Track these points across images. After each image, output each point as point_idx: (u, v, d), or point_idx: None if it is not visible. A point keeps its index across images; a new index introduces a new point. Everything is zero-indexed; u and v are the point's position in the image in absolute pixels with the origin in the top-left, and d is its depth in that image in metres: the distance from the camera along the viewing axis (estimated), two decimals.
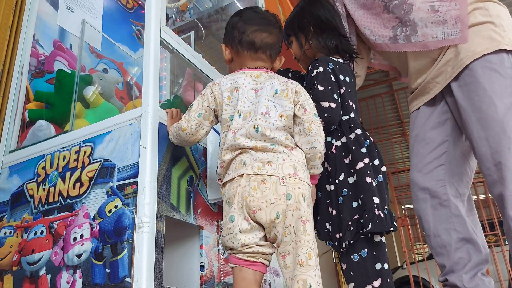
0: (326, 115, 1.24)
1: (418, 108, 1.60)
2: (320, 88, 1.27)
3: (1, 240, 1.39)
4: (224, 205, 1.09)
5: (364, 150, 1.25)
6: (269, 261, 1.07)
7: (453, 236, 1.46)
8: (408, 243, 5.22)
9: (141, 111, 1.22)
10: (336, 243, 1.20)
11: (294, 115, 1.13)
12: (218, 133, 1.41)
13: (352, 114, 1.31)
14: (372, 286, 1.16)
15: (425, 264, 4.29)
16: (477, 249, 1.46)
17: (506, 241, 3.96)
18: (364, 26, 1.63)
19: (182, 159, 1.29)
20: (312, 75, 1.31)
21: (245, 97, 1.14)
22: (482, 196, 5.03)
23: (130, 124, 1.23)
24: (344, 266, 1.22)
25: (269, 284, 1.49)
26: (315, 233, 1.23)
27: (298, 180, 1.06)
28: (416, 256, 5.52)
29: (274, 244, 1.07)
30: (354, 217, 1.19)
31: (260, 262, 1.04)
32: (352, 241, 1.19)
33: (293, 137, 1.14)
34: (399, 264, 6.11)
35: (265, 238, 1.06)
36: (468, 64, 1.39)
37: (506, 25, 1.43)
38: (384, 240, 1.22)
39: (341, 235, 1.19)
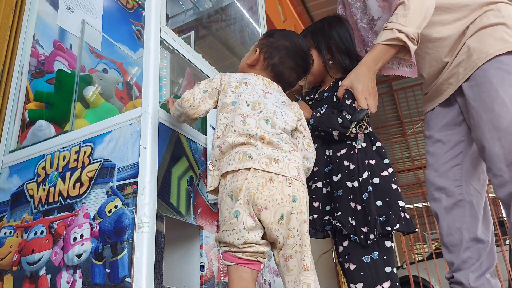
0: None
1: (433, 109, 1.61)
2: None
3: (1, 240, 1.39)
4: (225, 197, 1.04)
5: (386, 161, 1.36)
6: (265, 259, 1.06)
7: (465, 235, 1.48)
8: (408, 243, 5.23)
9: (141, 111, 1.22)
10: (362, 236, 1.24)
11: (295, 129, 1.21)
12: None
13: (370, 128, 1.41)
14: (382, 287, 1.20)
15: (425, 264, 4.29)
16: (487, 249, 1.48)
17: (507, 241, 3.97)
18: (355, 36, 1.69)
19: (182, 159, 1.29)
20: (343, 94, 1.40)
21: (255, 91, 1.16)
22: None
23: (130, 124, 1.23)
24: (353, 267, 1.25)
25: (269, 284, 1.49)
26: (340, 227, 1.27)
27: (301, 183, 1.07)
28: (416, 256, 5.52)
29: (270, 242, 1.07)
30: (378, 214, 1.26)
31: (258, 261, 1.04)
32: (379, 235, 1.25)
33: None
34: (399, 264, 6.11)
35: (263, 236, 1.05)
36: (481, 65, 1.39)
37: None
38: (393, 246, 1.29)
39: (367, 228, 1.23)
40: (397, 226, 1.25)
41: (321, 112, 1.38)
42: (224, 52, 2.45)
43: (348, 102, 1.35)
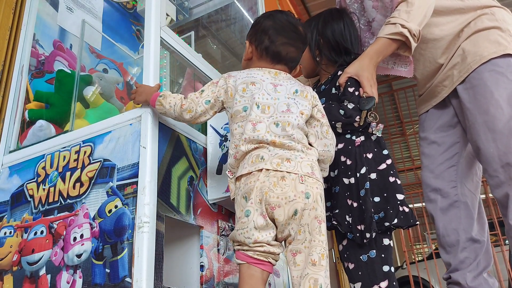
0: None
1: (427, 111, 1.62)
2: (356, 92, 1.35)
3: (1, 240, 1.39)
4: (240, 199, 1.06)
5: (385, 152, 1.32)
6: (276, 261, 1.07)
7: (462, 236, 1.49)
8: (408, 243, 5.22)
9: (141, 111, 1.22)
10: (357, 235, 1.22)
11: (311, 116, 1.17)
12: (218, 134, 1.41)
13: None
14: (379, 286, 1.19)
15: (425, 264, 4.29)
16: (483, 249, 1.49)
17: (506, 241, 3.96)
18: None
19: (182, 159, 1.29)
20: (345, 81, 1.38)
21: (264, 89, 1.13)
22: (482, 197, 5.02)
23: (130, 124, 1.23)
24: (351, 266, 1.24)
25: (269, 284, 1.49)
26: (336, 225, 1.26)
27: (315, 180, 1.06)
28: (416, 256, 5.52)
29: (282, 243, 1.07)
30: (377, 210, 1.23)
31: (269, 262, 1.04)
32: (378, 232, 1.22)
33: (307, 137, 1.15)
34: (399, 264, 6.11)
35: (276, 237, 1.05)
36: (476, 68, 1.40)
37: None
38: (392, 244, 1.26)
39: (363, 226, 1.21)
40: (395, 221, 1.22)
41: None
42: (224, 52, 2.45)
43: (351, 90, 1.33)
